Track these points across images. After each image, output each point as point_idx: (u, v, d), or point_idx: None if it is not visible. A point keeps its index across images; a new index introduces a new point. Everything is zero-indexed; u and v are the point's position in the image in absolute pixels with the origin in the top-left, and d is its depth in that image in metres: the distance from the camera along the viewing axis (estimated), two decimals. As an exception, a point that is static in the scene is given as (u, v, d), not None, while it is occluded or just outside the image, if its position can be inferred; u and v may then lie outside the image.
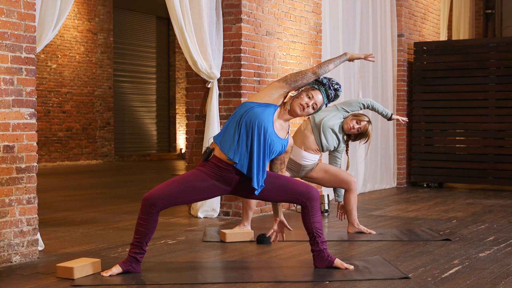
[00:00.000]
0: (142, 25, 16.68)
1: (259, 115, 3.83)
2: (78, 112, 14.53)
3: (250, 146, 3.83)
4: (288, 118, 3.99)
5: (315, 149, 5.42)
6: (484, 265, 4.22)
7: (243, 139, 3.83)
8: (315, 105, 3.97)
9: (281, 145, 3.94)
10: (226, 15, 6.35)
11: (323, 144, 5.39)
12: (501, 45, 9.01)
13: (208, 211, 6.35)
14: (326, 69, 3.99)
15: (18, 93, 4.21)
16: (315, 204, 4.00)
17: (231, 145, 3.84)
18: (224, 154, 3.85)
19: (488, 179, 9.05)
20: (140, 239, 3.89)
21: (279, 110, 3.95)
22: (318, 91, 3.98)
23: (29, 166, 4.30)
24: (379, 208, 7.19)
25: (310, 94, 3.96)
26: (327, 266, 4.03)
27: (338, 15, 8.03)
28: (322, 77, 4.03)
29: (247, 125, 3.83)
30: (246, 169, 3.84)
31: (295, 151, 5.41)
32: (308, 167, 5.44)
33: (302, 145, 5.40)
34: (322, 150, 5.44)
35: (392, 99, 9.48)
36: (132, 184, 9.93)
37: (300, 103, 3.94)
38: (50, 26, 4.56)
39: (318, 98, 3.97)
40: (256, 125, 3.82)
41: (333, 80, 4.05)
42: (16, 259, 4.23)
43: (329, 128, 5.38)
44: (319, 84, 4.01)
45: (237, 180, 3.93)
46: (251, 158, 3.82)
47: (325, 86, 4.01)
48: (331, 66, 4.01)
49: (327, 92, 4.01)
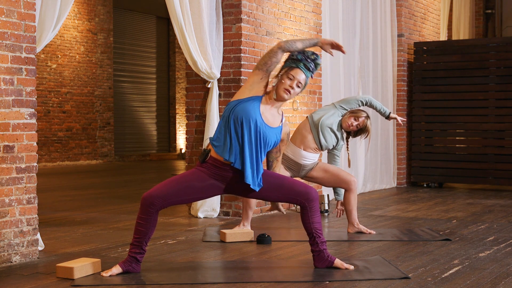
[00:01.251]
0: (142, 25, 16.68)
1: (244, 111, 3.82)
2: (78, 112, 14.53)
3: (241, 143, 3.83)
4: (278, 106, 3.95)
5: (314, 148, 5.42)
6: (484, 265, 4.22)
7: (234, 138, 3.83)
8: (300, 84, 3.91)
9: (275, 135, 3.92)
10: (226, 15, 6.35)
11: (322, 143, 5.40)
12: (501, 45, 9.01)
13: (208, 211, 6.35)
14: (293, 44, 3.88)
15: (18, 93, 4.21)
16: (314, 204, 3.99)
17: (225, 146, 3.84)
18: (220, 156, 3.86)
19: (488, 179, 9.05)
20: (140, 239, 3.89)
21: (266, 101, 3.92)
22: (297, 69, 3.91)
23: (29, 166, 4.30)
24: (379, 208, 7.19)
25: (291, 76, 3.90)
26: (327, 266, 4.03)
27: (338, 15, 8.03)
28: (296, 54, 3.94)
29: (235, 123, 3.83)
30: (241, 166, 3.84)
31: (294, 150, 5.41)
32: (308, 166, 5.44)
33: (301, 145, 5.40)
34: (321, 149, 5.44)
35: (392, 99, 9.48)
36: (132, 184, 9.93)
37: (284, 88, 3.88)
38: (50, 26, 4.56)
39: (300, 76, 3.90)
40: (243, 121, 3.81)
41: (307, 52, 3.95)
42: (16, 259, 4.23)
43: (327, 127, 5.38)
44: (296, 62, 3.92)
45: (236, 179, 3.93)
46: (243, 154, 3.82)
47: (302, 61, 3.91)
48: (299, 44, 3.89)
49: (306, 66, 3.92)
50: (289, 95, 3.89)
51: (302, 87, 3.94)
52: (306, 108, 7.26)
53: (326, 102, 7.73)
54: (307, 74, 3.93)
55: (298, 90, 3.92)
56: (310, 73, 3.95)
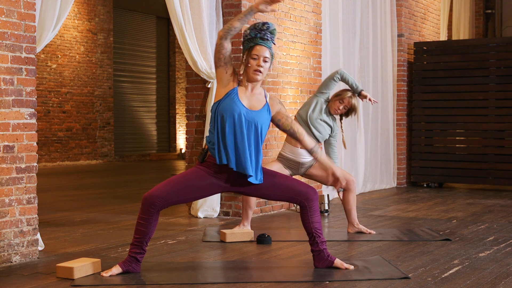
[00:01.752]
0: (142, 25, 16.68)
1: (226, 107, 3.83)
2: (78, 112, 14.53)
3: (234, 140, 3.83)
4: (258, 87, 3.94)
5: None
6: (484, 265, 4.22)
7: (225, 137, 3.83)
8: (266, 58, 3.87)
9: (265, 115, 3.90)
10: (226, 15, 6.35)
11: (317, 136, 5.39)
12: (501, 45, 9.01)
13: (208, 211, 6.35)
14: (231, 28, 3.80)
15: (18, 93, 4.21)
16: (314, 204, 3.99)
17: (219, 149, 3.85)
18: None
19: (488, 179, 9.05)
20: (140, 239, 3.89)
21: (243, 89, 3.91)
22: (256, 46, 3.88)
23: (29, 166, 4.30)
24: (379, 208, 7.19)
25: (254, 55, 3.88)
26: (327, 266, 4.03)
27: (338, 15, 8.03)
28: (248, 33, 3.91)
29: (222, 122, 3.83)
30: (235, 165, 3.85)
31: (292, 150, 5.40)
32: (307, 163, 5.43)
33: (298, 144, 5.39)
34: (319, 141, 5.44)
35: (392, 99, 9.48)
36: (132, 184, 9.93)
37: (253, 70, 3.87)
38: (50, 26, 4.56)
39: (262, 51, 3.87)
40: (228, 116, 3.82)
41: (257, 25, 3.91)
42: (16, 259, 4.23)
43: (317, 119, 5.38)
44: (251, 40, 3.90)
45: (236, 177, 3.94)
46: (238, 152, 3.83)
47: (257, 37, 3.88)
48: (236, 23, 3.81)
49: (263, 39, 3.88)
50: (261, 74, 3.88)
51: (270, 60, 3.91)
52: (306, 108, 7.26)
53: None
54: (268, 45, 3.90)
55: (267, 65, 3.89)
56: (270, 43, 3.91)
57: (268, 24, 3.91)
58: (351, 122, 8.29)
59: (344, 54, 8.17)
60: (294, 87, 7.07)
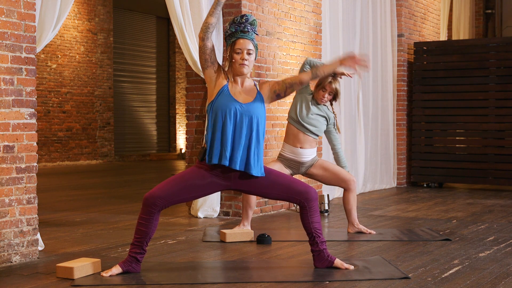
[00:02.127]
0: (142, 25, 16.68)
1: (219, 105, 3.85)
2: (78, 112, 14.53)
3: (232, 136, 3.84)
4: (244, 80, 3.94)
5: (312, 141, 5.40)
6: (484, 265, 4.22)
7: (223, 135, 3.84)
8: (250, 51, 3.87)
9: (259, 105, 3.89)
10: (226, 15, 6.35)
11: (315, 131, 5.36)
12: (501, 45, 9.01)
13: (208, 211, 6.34)
14: (207, 25, 3.79)
15: (18, 93, 4.21)
16: (313, 204, 3.99)
17: (215, 151, 3.86)
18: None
19: (488, 179, 9.05)
20: (140, 239, 3.89)
21: (233, 84, 3.92)
22: (238, 40, 3.89)
23: (29, 166, 4.30)
24: (379, 208, 7.19)
25: (237, 50, 3.88)
26: (327, 266, 4.03)
27: (338, 15, 8.03)
28: (228, 29, 3.91)
29: (218, 120, 3.85)
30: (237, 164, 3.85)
31: (292, 150, 5.40)
32: (307, 162, 5.42)
33: (298, 144, 5.38)
34: (318, 135, 5.41)
35: (392, 99, 9.49)
36: (132, 184, 9.93)
37: (239, 64, 3.88)
38: (50, 26, 4.56)
39: (245, 44, 3.87)
40: (222, 114, 3.83)
41: (235, 19, 3.91)
42: (16, 259, 4.23)
43: (308, 115, 5.36)
44: (232, 34, 3.90)
45: (236, 175, 3.94)
46: (236, 146, 3.83)
47: (237, 31, 3.88)
48: (211, 19, 3.79)
49: (243, 31, 3.88)
50: (247, 67, 3.89)
51: (254, 51, 3.91)
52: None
53: (326, 102, 7.73)
54: (249, 37, 3.90)
55: (252, 57, 3.90)
56: (252, 34, 3.91)
57: (246, 16, 3.91)
58: (351, 122, 8.30)
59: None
60: (294, 87, 7.06)
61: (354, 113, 8.39)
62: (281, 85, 3.98)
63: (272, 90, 3.98)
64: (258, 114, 3.89)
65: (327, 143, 7.69)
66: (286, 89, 3.97)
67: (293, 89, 3.98)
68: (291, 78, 3.99)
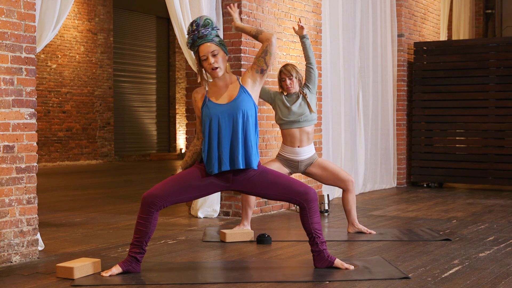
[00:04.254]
0: (142, 25, 16.68)
1: (204, 118, 3.87)
2: (78, 112, 14.53)
3: (218, 144, 3.86)
4: (221, 81, 3.92)
5: (309, 133, 5.38)
6: (484, 265, 4.22)
7: (209, 146, 3.87)
8: (215, 52, 3.84)
9: (245, 99, 3.87)
10: (226, 15, 6.35)
11: (307, 118, 5.34)
12: (501, 45, 9.01)
13: (208, 211, 6.34)
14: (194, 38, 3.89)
15: (18, 93, 4.21)
16: (313, 205, 3.99)
17: (207, 162, 3.88)
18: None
19: (488, 179, 9.05)
20: (140, 239, 3.89)
21: (213, 89, 3.93)
22: (200, 47, 3.85)
23: (29, 166, 4.30)
24: (379, 208, 7.19)
25: (202, 57, 3.86)
26: (327, 266, 4.03)
27: (338, 15, 8.03)
28: (187, 42, 3.89)
29: (205, 132, 3.88)
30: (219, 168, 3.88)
31: (291, 150, 5.39)
32: (306, 161, 5.42)
33: (296, 143, 5.38)
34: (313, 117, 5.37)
35: (392, 99, 9.48)
36: (132, 184, 9.93)
37: (210, 69, 3.86)
38: (50, 26, 4.56)
39: (207, 49, 3.84)
40: (207, 125, 3.86)
41: (188, 30, 3.90)
42: (16, 259, 4.23)
43: (290, 112, 5.34)
44: (193, 44, 3.87)
45: (235, 176, 3.94)
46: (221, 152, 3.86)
47: (195, 39, 3.85)
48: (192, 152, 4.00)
49: (200, 36, 3.84)
50: (219, 68, 3.86)
51: (219, 49, 3.87)
52: (306, 108, 7.25)
53: (326, 102, 7.74)
54: (208, 39, 3.86)
55: (219, 57, 3.86)
56: (210, 35, 3.86)
57: (196, 21, 3.88)
58: (351, 122, 8.30)
59: (344, 54, 8.17)
60: (294, 87, 7.06)
61: (354, 113, 8.39)
62: (257, 60, 3.94)
63: (253, 71, 3.96)
64: (244, 108, 3.87)
65: (327, 143, 7.70)
66: (263, 59, 3.92)
67: (267, 52, 3.91)
68: (260, 49, 3.95)
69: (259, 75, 3.96)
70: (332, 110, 7.92)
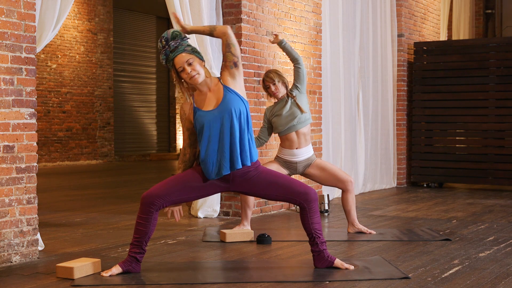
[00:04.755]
0: (142, 25, 16.68)
1: (199, 125, 3.86)
2: (78, 112, 14.53)
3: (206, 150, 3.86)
4: (208, 84, 3.90)
5: (306, 134, 5.37)
6: (484, 265, 4.22)
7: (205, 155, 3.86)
8: (190, 61, 3.82)
9: (230, 97, 3.85)
10: (226, 15, 6.35)
11: (301, 120, 5.32)
12: (501, 45, 9.01)
13: (208, 211, 6.35)
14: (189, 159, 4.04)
15: (18, 93, 4.21)
16: (313, 205, 3.99)
17: (209, 166, 3.87)
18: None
19: (488, 179, 9.05)
20: (139, 239, 3.89)
21: (198, 98, 3.92)
22: (174, 60, 3.84)
23: (29, 166, 4.30)
24: (379, 208, 7.19)
25: (179, 68, 3.84)
26: (327, 266, 4.02)
27: (338, 15, 8.03)
28: (161, 59, 3.89)
29: (200, 141, 3.88)
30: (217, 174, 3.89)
31: (290, 152, 5.39)
32: (304, 162, 5.42)
33: (294, 146, 5.38)
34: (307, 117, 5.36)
35: (392, 99, 9.49)
36: (132, 184, 9.93)
37: (189, 79, 3.84)
38: (50, 26, 4.56)
39: (182, 59, 3.82)
40: (203, 130, 3.85)
41: (159, 47, 3.88)
42: (16, 259, 4.23)
43: (283, 116, 5.34)
44: (167, 58, 3.86)
45: (234, 177, 3.94)
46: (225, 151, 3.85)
47: (167, 53, 3.84)
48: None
49: (173, 49, 3.83)
50: (198, 75, 3.83)
51: (194, 57, 3.84)
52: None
53: (326, 102, 7.74)
54: (179, 51, 3.83)
55: (195, 64, 3.83)
56: (181, 46, 3.84)
57: (164, 36, 3.86)
58: (351, 122, 8.30)
59: (344, 54, 8.17)
60: (294, 87, 7.06)
61: (354, 113, 8.39)
62: (226, 57, 3.89)
63: (228, 68, 3.92)
64: (234, 106, 3.84)
65: (327, 143, 7.70)
66: (230, 53, 3.87)
67: (230, 45, 3.86)
68: (222, 46, 3.92)
69: (235, 69, 3.91)
70: (332, 110, 7.92)
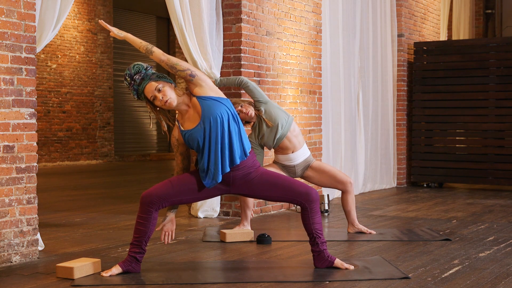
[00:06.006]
0: (142, 25, 16.68)
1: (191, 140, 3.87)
2: (78, 112, 14.53)
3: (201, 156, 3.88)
4: (185, 102, 3.91)
5: (297, 137, 5.36)
6: (484, 265, 4.22)
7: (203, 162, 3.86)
8: (159, 87, 3.82)
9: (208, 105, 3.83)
10: (226, 15, 6.35)
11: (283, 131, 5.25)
12: (501, 45, 9.01)
13: (208, 211, 6.35)
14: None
15: (18, 93, 4.21)
16: (314, 206, 3.99)
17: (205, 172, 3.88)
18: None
19: (488, 179, 9.05)
20: (139, 238, 3.89)
21: (181, 118, 3.94)
22: (144, 91, 3.86)
23: (29, 166, 4.30)
24: (379, 208, 7.19)
25: (151, 97, 3.84)
26: (327, 266, 4.03)
27: (338, 15, 8.03)
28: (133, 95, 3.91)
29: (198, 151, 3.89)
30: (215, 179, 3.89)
31: (285, 157, 5.38)
32: (302, 164, 5.41)
33: (288, 151, 5.36)
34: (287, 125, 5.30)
35: (392, 99, 9.48)
36: (132, 184, 9.93)
37: (162, 104, 3.84)
38: (50, 26, 4.56)
39: (151, 89, 3.83)
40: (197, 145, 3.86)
41: (126, 84, 3.92)
42: (16, 259, 4.23)
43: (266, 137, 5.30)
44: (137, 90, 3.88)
45: (235, 179, 3.94)
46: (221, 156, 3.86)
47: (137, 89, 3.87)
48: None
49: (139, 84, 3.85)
50: (171, 98, 3.83)
51: (163, 83, 3.85)
52: (306, 108, 7.26)
53: (326, 102, 7.74)
54: (147, 81, 3.85)
55: (165, 89, 3.83)
56: (146, 77, 3.86)
57: (127, 73, 3.89)
58: (351, 122, 8.30)
59: (344, 54, 8.17)
60: (294, 87, 7.07)
61: (354, 113, 8.39)
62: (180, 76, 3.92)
63: (189, 82, 3.92)
64: (215, 112, 3.82)
65: (327, 143, 7.70)
66: (180, 71, 3.91)
67: (173, 67, 3.91)
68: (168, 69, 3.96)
69: (195, 79, 3.90)
70: (332, 110, 7.92)
